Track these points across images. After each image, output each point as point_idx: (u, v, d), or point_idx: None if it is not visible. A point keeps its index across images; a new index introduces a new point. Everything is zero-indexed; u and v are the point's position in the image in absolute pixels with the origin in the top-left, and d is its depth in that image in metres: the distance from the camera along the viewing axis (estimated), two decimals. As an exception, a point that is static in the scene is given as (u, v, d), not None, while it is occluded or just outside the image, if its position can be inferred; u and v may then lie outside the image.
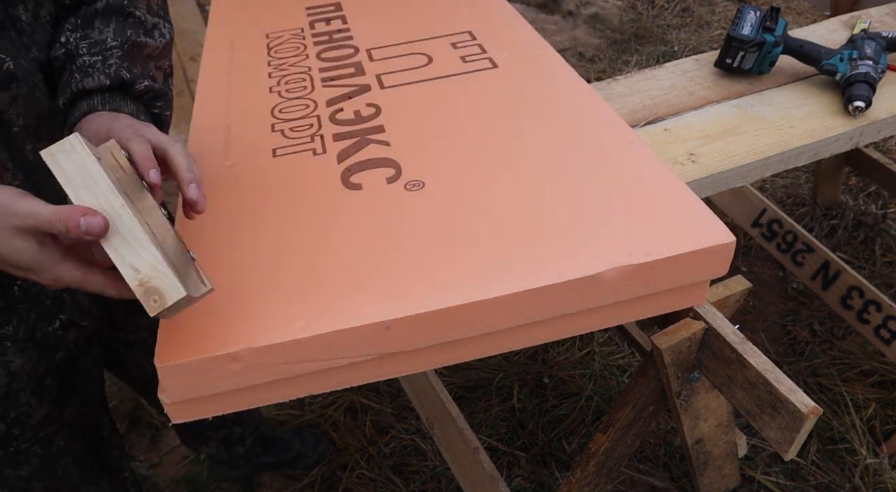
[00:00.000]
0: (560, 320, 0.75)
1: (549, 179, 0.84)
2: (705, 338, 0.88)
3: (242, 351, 0.65)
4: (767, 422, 0.83)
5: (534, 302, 0.71)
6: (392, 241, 0.77)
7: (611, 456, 1.08)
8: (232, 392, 0.69)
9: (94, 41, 0.75)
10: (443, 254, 0.74)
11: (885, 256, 2.00)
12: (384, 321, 0.68)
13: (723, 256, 0.75)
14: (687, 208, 0.78)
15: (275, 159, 0.92)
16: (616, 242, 0.74)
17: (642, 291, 0.75)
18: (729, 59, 1.21)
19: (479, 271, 0.72)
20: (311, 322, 0.67)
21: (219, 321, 0.68)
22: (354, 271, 0.73)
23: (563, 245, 0.74)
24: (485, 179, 0.85)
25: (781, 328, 1.85)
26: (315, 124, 0.99)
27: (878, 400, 1.65)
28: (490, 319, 0.71)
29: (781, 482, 1.51)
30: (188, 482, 1.57)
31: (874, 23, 1.39)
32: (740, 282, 0.90)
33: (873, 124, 1.15)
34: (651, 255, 0.72)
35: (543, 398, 1.69)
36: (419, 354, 0.73)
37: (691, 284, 0.78)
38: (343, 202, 0.83)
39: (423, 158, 0.89)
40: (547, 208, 0.79)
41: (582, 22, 3.11)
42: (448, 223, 0.78)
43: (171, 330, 0.67)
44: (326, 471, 1.57)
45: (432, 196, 0.83)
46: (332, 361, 0.69)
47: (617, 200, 0.80)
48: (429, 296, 0.69)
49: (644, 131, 1.13)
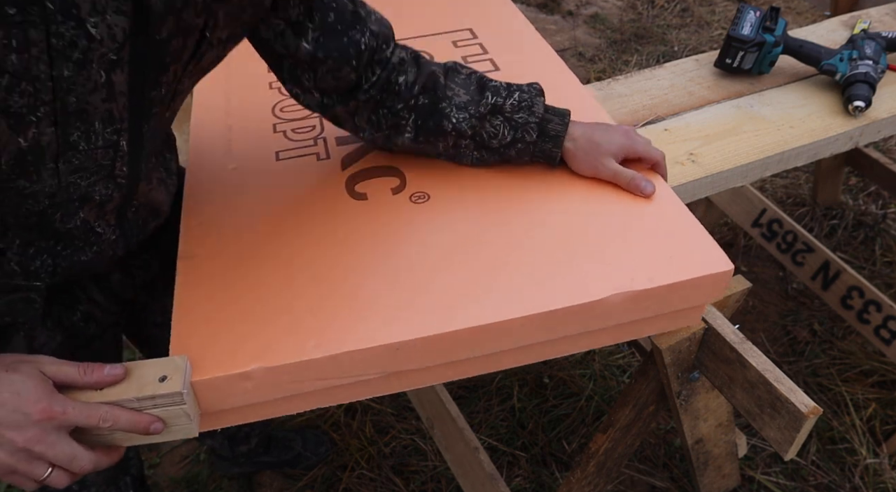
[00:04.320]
0: (562, 340, 0.76)
1: (553, 201, 0.85)
2: (705, 338, 0.88)
3: (255, 370, 0.67)
4: (767, 422, 0.83)
5: (539, 325, 0.72)
6: (400, 259, 0.77)
7: (611, 456, 1.08)
8: (244, 406, 0.70)
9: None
10: (451, 274, 0.75)
11: (885, 256, 2.00)
12: (394, 343, 0.69)
13: (720, 283, 0.77)
14: (688, 234, 0.79)
15: (278, 163, 0.92)
16: (619, 268, 0.75)
17: (642, 314, 0.76)
18: (729, 59, 1.21)
19: (487, 293, 0.73)
20: (322, 342, 0.68)
21: (231, 340, 0.69)
22: (364, 290, 0.74)
23: (567, 269, 0.75)
24: (488, 197, 0.86)
25: (781, 328, 1.85)
26: (317, 126, 0.99)
27: (878, 400, 1.65)
28: (496, 341, 0.72)
29: (781, 482, 1.51)
30: (188, 482, 1.56)
31: (874, 23, 1.39)
32: (740, 282, 0.90)
33: (873, 124, 1.15)
34: (653, 281, 0.73)
35: (543, 398, 1.69)
36: (427, 372, 0.74)
37: (688, 307, 0.80)
38: (349, 213, 0.84)
39: (427, 168, 0.90)
40: (551, 231, 0.80)
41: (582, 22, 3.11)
42: (455, 242, 0.79)
43: (184, 350, 0.68)
44: (326, 471, 1.57)
45: (437, 211, 0.84)
46: (342, 379, 0.70)
47: (620, 223, 0.81)
48: (438, 318, 0.70)
49: (644, 131, 1.13)
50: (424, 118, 0.84)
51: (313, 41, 0.77)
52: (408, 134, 0.86)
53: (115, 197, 0.70)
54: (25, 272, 0.70)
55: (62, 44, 0.54)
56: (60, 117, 0.58)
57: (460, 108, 0.84)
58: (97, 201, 0.69)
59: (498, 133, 0.84)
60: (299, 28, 0.76)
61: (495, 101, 0.84)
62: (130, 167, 0.69)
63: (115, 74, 0.59)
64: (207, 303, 0.73)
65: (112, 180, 0.68)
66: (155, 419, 0.63)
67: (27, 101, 0.55)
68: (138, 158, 0.69)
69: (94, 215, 0.70)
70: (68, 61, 0.55)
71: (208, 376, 0.66)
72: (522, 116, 0.84)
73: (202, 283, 0.76)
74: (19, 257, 0.68)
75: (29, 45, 0.52)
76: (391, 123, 0.85)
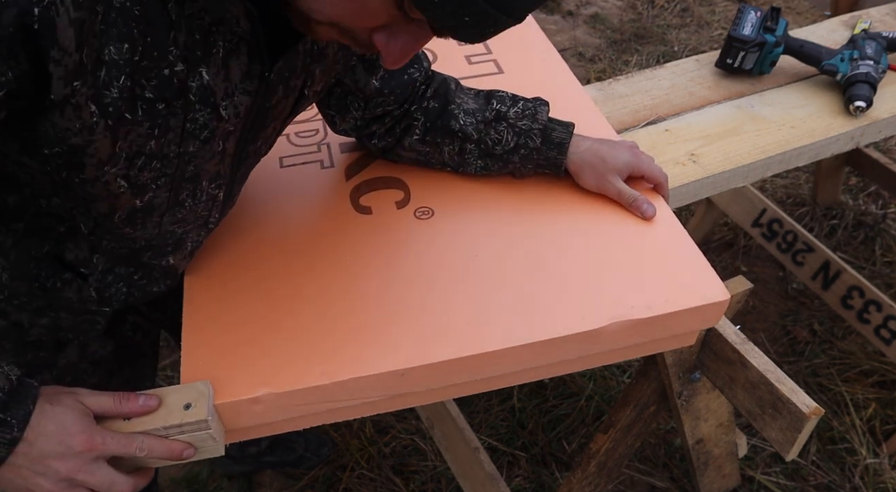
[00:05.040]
0: (560, 363, 0.78)
1: (555, 222, 0.85)
2: (707, 338, 0.88)
3: (264, 396, 0.68)
4: (769, 422, 0.83)
5: (539, 351, 0.73)
6: (405, 283, 0.78)
7: (611, 456, 1.08)
8: (254, 426, 0.72)
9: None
10: (453, 300, 0.76)
11: (885, 256, 2.00)
12: (400, 370, 0.70)
13: (717, 311, 0.78)
14: (687, 261, 0.80)
15: (282, 170, 0.92)
16: (618, 295, 0.76)
17: (639, 340, 0.77)
18: (730, 59, 1.21)
19: (490, 320, 0.74)
20: (329, 368, 0.69)
21: (240, 364, 0.70)
22: (370, 315, 0.75)
23: (568, 296, 0.76)
24: (491, 216, 0.86)
25: (781, 328, 1.85)
26: (321, 130, 0.99)
27: (878, 400, 1.65)
28: (498, 365, 0.74)
29: (781, 482, 1.51)
30: (188, 482, 1.56)
31: (875, 23, 1.39)
32: (742, 283, 0.90)
33: (874, 124, 1.15)
34: (651, 310, 0.74)
35: (543, 398, 1.68)
36: (430, 393, 0.76)
37: (684, 333, 0.81)
38: (355, 230, 0.84)
39: (431, 180, 0.90)
40: (553, 254, 0.81)
41: (582, 22, 3.11)
42: (457, 265, 0.80)
43: (196, 374, 0.70)
44: (327, 471, 1.57)
45: (441, 230, 0.84)
46: (349, 402, 0.72)
47: (621, 247, 0.82)
48: (441, 345, 0.72)
49: (645, 131, 1.12)
50: (433, 119, 0.87)
51: (381, 79, 0.82)
52: (416, 136, 0.87)
53: (203, 241, 0.76)
54: (100, 299, 0.74)
55: (195, 127, 0.59)
56: (176, 183, 0.63)
57: (468, 113, 0.86)
58: (189, 248, 0.74)
59: (502, 139, 0.86)
60: (371, 66, 0.81)
61: (499, 108, 0.86)
62: (221, 214, 0.74)
63: (228, 142, 0.64)
64: (215, 326, 0.75)
65: (205, 228, 0.74)
66: (186, 446, 0.65)
67: (153, 174, 0.61)
68: (229, 204, 0.75)
69: (180, 258, 0.75)
70: (196, 140, 0.60)
71: (220, 402, 0.67)
72: (526, 123, 0.85)
73: (210, 304, 0.77)
74: (98, 283, 0.72)
75: (167, 131, 0.57)
76: (403, 126, 0.87)
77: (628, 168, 0.86)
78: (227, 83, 0.59)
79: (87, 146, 0.54)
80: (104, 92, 0.52)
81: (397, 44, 0.53)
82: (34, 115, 0.52)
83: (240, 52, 0.58)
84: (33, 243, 0.68)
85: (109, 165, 0.57)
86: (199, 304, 0.77)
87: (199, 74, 0.56)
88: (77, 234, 0.68)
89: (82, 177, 0.57)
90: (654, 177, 0.87)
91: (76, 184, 0.58)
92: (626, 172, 0.86)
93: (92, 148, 0.55)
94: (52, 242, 0.68)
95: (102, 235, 0.67)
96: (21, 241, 0.68)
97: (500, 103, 0.86)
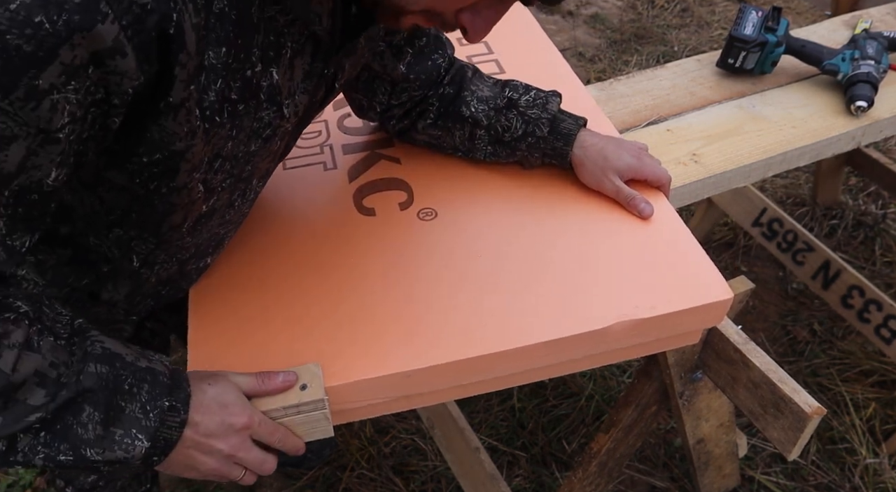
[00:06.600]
0: (565, 363, 0.78)
1: (560, 219, 0.85)
2: (708, 338, 0.88)
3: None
4: (771, 422, 0.83)
5: (545, 351, 0.73)
6: (409, 284, 0.78)
7: (612, 456, 1.08)
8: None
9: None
10: (458, 301, 0.76)
11: (885, 256, 2.00)
12: (406, 371, 0.70)
13: (720, 310, 0.78)
14: (690, 260, 0.80)
15: (285, 172, 0.92)
16: (623, 295, 0.76)
17: (643, 339, 0.77)
18: (731, 59, 1.21)
19: (495, 321, 0.74)
20: (336, 371, 0.70)
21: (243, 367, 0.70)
22: (375, 317, 0.75)
23: (573, 295, 0.77)
24: (494, 216, 0.86)
25: (781, 328, 1.85)
26: (323, 131, 0.99)
27: (878, 400, 1.65)
28: (503, 366, 0.74)
29: (781, 482, 1.51)
30: (188, 482, 1.56)
31: (875, 22, 1.39)
32: (743, 282, 0.89)
33: (875, 124, 1.15)
34: (655, 309, 0.75)
35: (543, 398, 1.68)
36: (436, 393, 0.76)
37: (688, 331, 0.81)
38: (359, 232, 0.85)
39: (434, 181, 0.91)
40: (557, 253, 0.81)
41: (582, 22, 3.11)
42: (461, 266, 0.80)
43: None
44: (327, 471, 1.56)
45: (445, 231, 0.84)
46: (354, 403, 0.72)
47: (625, 246, 0.82)
48: (448, 346, 0.72)
49: (646, 131, 1.12)
50: (447, 105, 0.88)
51: (407, 64, 0.83)
52: (429, 119, 0.89)
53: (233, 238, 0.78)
54: (128, 312, 0.76)
55: (259, 126, 0.60)
56: (234, 183, 0.64)
57: (481, 101, 0.87)
58: (224, 246, 0.76)
59: (511, 126, 0.86)
60: (398, 51, 0.82)
61: (511, 96, 0.87)
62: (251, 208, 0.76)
63: (283, 140, 0.66)
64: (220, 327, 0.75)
65: (239, 225, 0.75)
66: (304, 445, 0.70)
67: (222, 177, 0.61)
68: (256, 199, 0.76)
69: (215, 258, 0.77)
70: (259, 139, 0.61)
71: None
72: (535, 112, 0.86)
73: (215, 308, 0.77)
74: (127, 305, 0.74)
75: (240, 131, 0.58)
76: (419, 110, 0.89)
77: (630, 170, 0.86)
78: (291, 82, 0.60)
79: (186, 151, 0.55)
80: (203, 96, 0.53)
81: (482, 20, 0.56)
82: (144, 120, 0.52)
83: (304, 51, 0.60)
84: (73, 272, 0.69)
85: (198, 170, 0.58)
86: (204, 308, 0.77)
87: (270, 74, 0.57)
88: (118, 274, 0.68)
89: (172, 184, 0.58)
90: (657, 180, 0.87)
91: (162, 194, 0.59)
92: (627, 174, 0.86)
93: (190, 153, 0.55)
94: (93, 277, 0.69)
95: (156, 257, 0.67)
96: (63, 266, 0.68)
97: (513, 91, 0.88)
